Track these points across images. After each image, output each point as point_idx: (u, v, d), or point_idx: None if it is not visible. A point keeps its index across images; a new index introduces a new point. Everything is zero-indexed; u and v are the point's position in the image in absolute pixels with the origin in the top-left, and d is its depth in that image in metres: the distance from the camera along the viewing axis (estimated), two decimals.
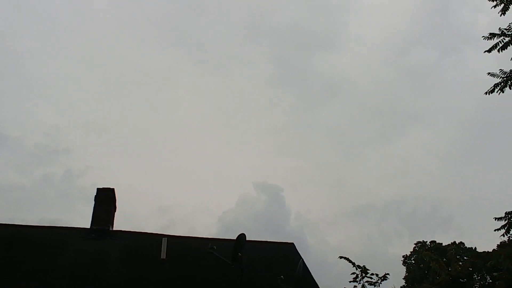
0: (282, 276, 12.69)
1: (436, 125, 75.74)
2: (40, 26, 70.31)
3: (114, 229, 16.90)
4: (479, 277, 36.90)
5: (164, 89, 76.12)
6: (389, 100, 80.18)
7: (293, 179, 69.86)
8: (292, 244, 17.32)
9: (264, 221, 54.66)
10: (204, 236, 17.63)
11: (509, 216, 7.57)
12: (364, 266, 13.30)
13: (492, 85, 8.03)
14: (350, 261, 13.29)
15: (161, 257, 14.33)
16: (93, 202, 16.77)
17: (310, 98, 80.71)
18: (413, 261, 46.36)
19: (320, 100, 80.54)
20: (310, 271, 15.29)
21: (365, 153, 74.69)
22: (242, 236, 13.31)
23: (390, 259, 52.98)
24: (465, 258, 42.11)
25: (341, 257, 13.54)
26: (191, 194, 64.19)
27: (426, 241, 46.90)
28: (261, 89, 77.73)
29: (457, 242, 44.64)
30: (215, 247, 13.84)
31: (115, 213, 17.36)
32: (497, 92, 7.92)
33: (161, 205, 62.77)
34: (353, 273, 13.24)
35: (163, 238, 14.87)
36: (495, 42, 7.55)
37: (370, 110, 79.29)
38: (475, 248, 43.16)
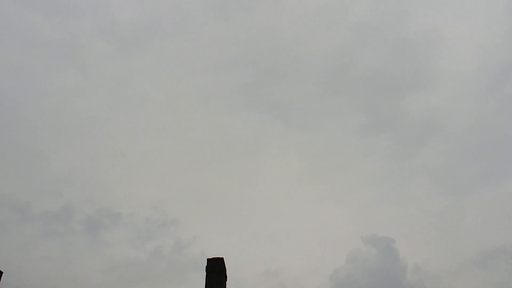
0: None
1: None
2: (135, 111, 76.11)
3: None
4: None
5: (257, 153, 77.80)
6: (493, 132, 74.83)
7: (402, 229, 66.19)
8: None
9: (379, 276, 51.60)
10: None
11: None
12: None
13: None
14: None
15: None
16: (204, 272, 16.96)
17: (405, 141, 77.90)
18: None
19: (417, 142, 77.38)
20: None
21: (477, 192, 69.23)
22: None
23: None
24: None
25: None
26: (297, 254, 63.12)
27: None
28: (353, 138, 76.66)
29: None
30: None
31: (226, 281, 17.35)
32: None
33: (268, 269, 62.25)
34: None
35: None
36: None
37: (475, 146, 74.34)
38: None
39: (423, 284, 51.74)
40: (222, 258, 17.44)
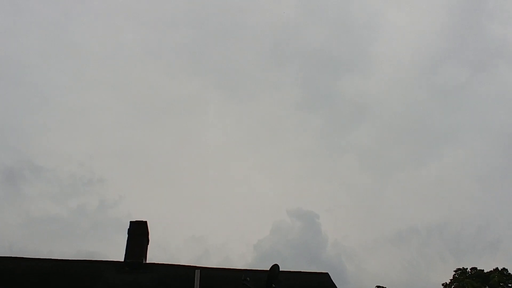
0: (248, 278, 12.81)
1: (470, 144, 73.92)
2: (69, 60, 72.75)
3: (147, 261, 16.92)
4: None
5: (193, 117, 77.26)
6: (420, 120, 78.91)
7: (327, 204, 68.87)
8: (327, 274, 16.94)
9: (300, 249, 53.64)
10: (239, 267, 17.49)
11: None
12: None
13: None
14: None
15: None
16: (127, 234, 16.92)
17: (338, 121, 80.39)
18: None
19: (349, 122, 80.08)
20: None
21: (398, 175, 73.19)
22: (275, 267, 13.14)
23: (432, 286, 50.83)
24: (510, 285, 40.32)
25: (378, 287, 13.13)
26: (224, 222, 64.03)
27: (467, 268, 45.26)
28: (289, 113, 77.99)
29: (500, 268, 42.79)
30: (248, 278, 13.66)
31: (148, 245, 17.40)
32: None
33: (194, 235, 62.82)
34: None
35: (195, 270, 14.75)
36: None
37: (401, 131, 78.20)
38: None
39: (340, 258, 54.43)
40: (146, 222, 17.41)
